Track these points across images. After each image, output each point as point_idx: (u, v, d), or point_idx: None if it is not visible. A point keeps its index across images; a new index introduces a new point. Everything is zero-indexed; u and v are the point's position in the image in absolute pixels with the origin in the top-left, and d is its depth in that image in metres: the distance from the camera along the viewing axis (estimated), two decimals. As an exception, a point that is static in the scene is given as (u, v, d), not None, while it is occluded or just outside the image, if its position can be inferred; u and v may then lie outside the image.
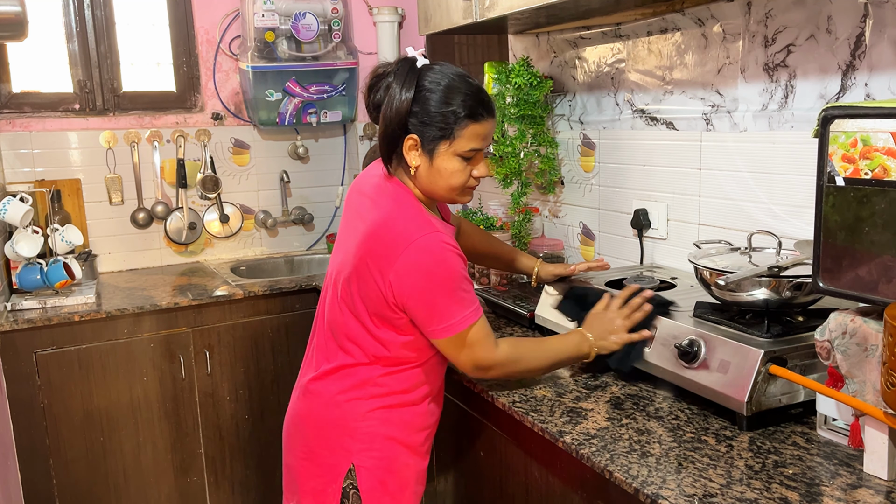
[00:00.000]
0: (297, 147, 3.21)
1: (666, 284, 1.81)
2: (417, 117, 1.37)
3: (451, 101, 1.37)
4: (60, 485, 2.38)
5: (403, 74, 1.38)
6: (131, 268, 2.99)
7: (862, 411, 1.14)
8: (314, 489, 1.50)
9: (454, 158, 1.40)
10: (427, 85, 1.37)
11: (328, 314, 1.51)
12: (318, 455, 1.50)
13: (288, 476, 1.58)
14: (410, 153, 1.40)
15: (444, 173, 1.41)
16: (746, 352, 1.32)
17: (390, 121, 1.38)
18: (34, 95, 2.79)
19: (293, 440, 1.56)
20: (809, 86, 1.62)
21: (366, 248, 1.39)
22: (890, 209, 1.08)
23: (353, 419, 1.46)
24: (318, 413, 1.49)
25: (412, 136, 1.38)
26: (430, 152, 1.40)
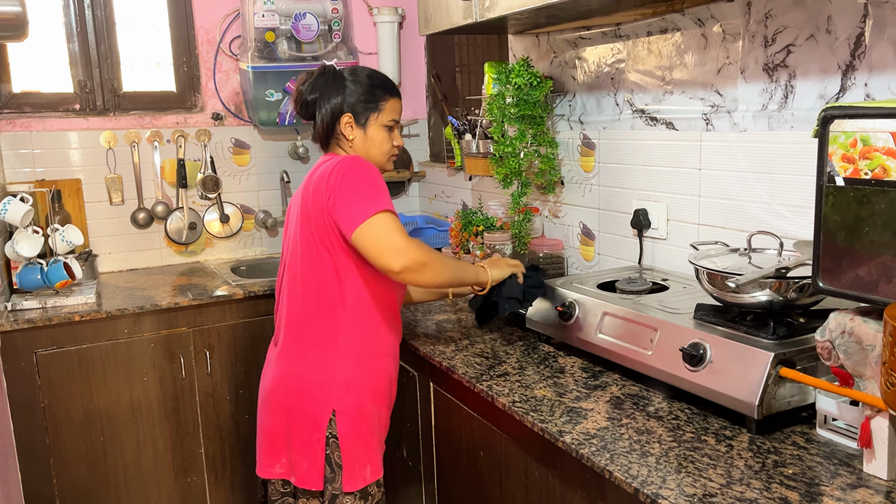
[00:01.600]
0: (297, 147, 3.21)
1: (658, 286, 1.81)
2: (351, 99, 1.76)
3: (374, 83, 1.79)
4: (60, 485, 2.38)
5: (330, 74, 1.79)
6: (131, 268, 2.99)
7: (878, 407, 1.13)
8: (301, 441, 1.71)
9: (381, 129, 1.79)
10: (351, 76, 1.78)
11: (291, 283, 1.76)
12: (300, 407, 1.71)
13: (271, 440, 1.77)
14: (347, 128, 1.77)
15: (375, 140, 1.78)
16: (755, 354, 1.31)
17: (329, 107, 1.76)
18: (34, 95, 2.79)
19: (276, 401, 1.75)
20: (809, 86, 1.62)
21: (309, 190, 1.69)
22: (890, 209, 1.08)
23: (332, 369, 1.70)
24: (300, 370, 1.72)
25: (347, 115, 1.76)
26: (363, 125, 1.77)
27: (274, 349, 1.82)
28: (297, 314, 1.74)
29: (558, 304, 1.79)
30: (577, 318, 1.73)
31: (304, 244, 1.71)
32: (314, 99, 1.78)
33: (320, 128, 1.79)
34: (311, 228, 1.69)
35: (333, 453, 1.69)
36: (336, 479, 1.69)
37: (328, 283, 1.70)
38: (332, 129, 1.78)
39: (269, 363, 1.84)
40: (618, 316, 1.64)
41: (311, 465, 1.70)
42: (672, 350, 1.46)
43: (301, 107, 1.81)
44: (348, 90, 1.76)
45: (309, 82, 1.79)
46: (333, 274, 1.69)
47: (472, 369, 1.70)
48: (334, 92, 1.76)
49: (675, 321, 1.51)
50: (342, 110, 1.76)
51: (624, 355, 1.59)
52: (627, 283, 1.81)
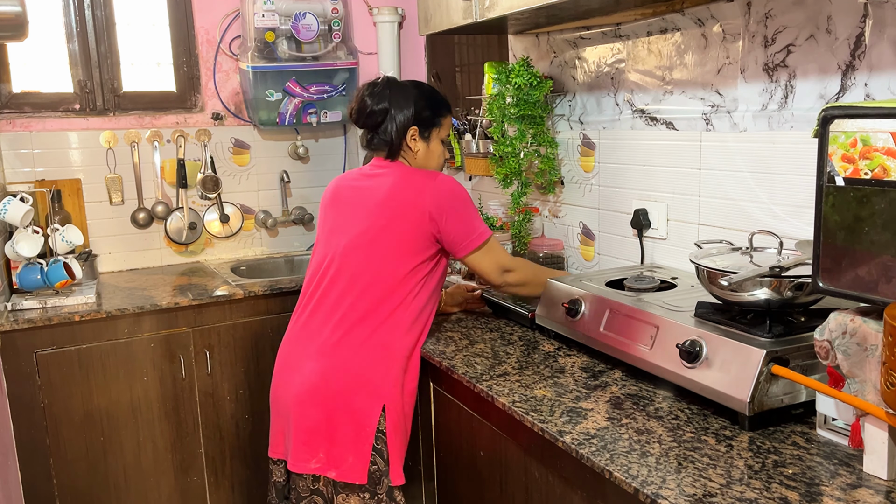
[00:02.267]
0: (297, 147, 3.21)
1: (667, 284, 1.81)
2: (420, 114, 1.87)
3: (436, 99, 1.92)
4: (60, 485, 2.38)
5: (398, 86, 1.89)
6: (131, 268, 2.99)
7: (864, 411, 1.14)
8: (346, 435, 1.74)
9: (440, 142, 1.94)
10: (417, 90, 1.89)
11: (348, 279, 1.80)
12: (351, 403, 1.74)
13: (308, 436, 1.76)
14: (412, 141, 1.88)
15: (435, 153, 1.93)
16: (748, 352, 1.32)
17: (400, 118, 1.85)
18: (34, 95, 2.79)
19: (318, 398, 1.76)
20: (809, 86, 1.62)
21: (397, 200, 1.80)
22: (890, 209, 1.08)
23: (386, 366, 1.76)
24: (351, 365, 1.75)
25: (414, 128, 1.87)
26: (426, 138, 1.90)
27: (308, 345, 1.82)
28: (353, 311, 1.78)
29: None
30: (583, 315, 1.74)
31: (375, 246, 1.79)
32: (383, 109, 1.85)
33: (391, 138, 1.86)
34: (395, 235, 1.78)
35: (384, 447, 1.74)
36: (388, 473, 1.75)
37: (394, 285, 1.78)
38: (401, 139, 1.86)
39: (300, 358, 1.82)
40: (621, 313, 1.65)
41: (357, 459, 1.73)
42: (670, 347, 1.47)
43: (366, 116, 1.87)
44: (418, 104, 1.86)
45: (376, 92, 1.86)
46: (401, 279, 1.78)
47: (472, 369, 1.70)
48: (405, 104, 1.85)
49: (675, 319, 1.52)
50: (412, 122, 1.86)
51: (625, 351, 1.60)
52: (636, 280, 1.81)
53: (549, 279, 1.92)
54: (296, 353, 1.85)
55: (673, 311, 1.57)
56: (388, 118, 1.85)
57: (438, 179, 1.82)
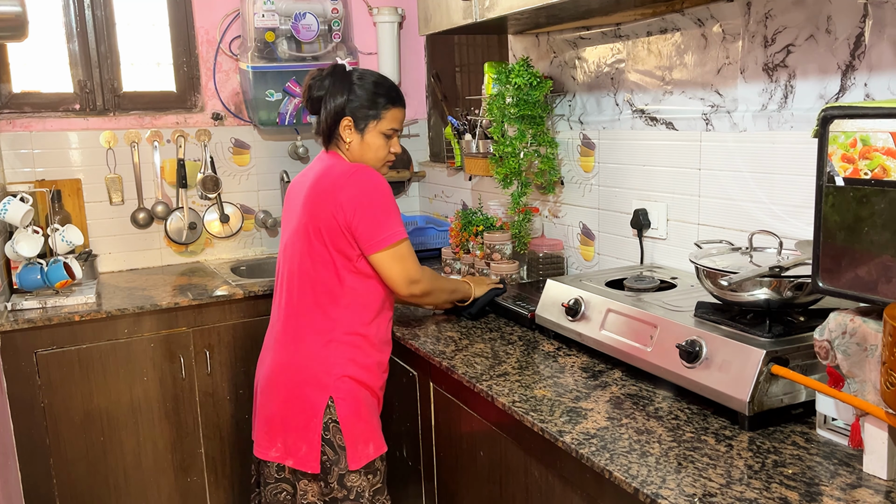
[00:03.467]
0: (297, 147, 3.21)
1: (666, 284, 1.81)
2: (353, 104, 1.81)
3: (378, 91, 1.83)
4: (60, 484, 2.38)
5: (339, 74, 1.83)
6: (131, 268, 2.99)
7: (864, 410, 1.14)
8: (298, 426, 1.78)
9: (379, 136, 1.85)
10: (358, 80, 1.82)
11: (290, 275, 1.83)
12: (298, 395, 1.79)
13: (268, 425, 1.84)
14: (345, 131, 1.83)
15: (371, 146, 1.85)
16: (748, 352, 1.32)
17: (332, 107, 1.81)
18: (34, 95, 2.79)
19: (275, 389, 1.83)
20: (809, 86, 1.62)
21: (316, 190, 1.77)
22: (889, 209, 1.08)
23: (328, 361, 1.78)
24: (298, 359, 1.80)
25: (348, 118, 1.82)
26: (361, 130, 1.83)
27: (271, 336, 1.90)
28: (296, 306, 1.82)
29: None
30: (582, 315, 1.74)
31: (306, 241, 1.79)
32: (319, 96, 1.83)
33: (322, 126, 1.85)
34: (318, 229, 1.76)
35: (335, 437, 1.77)
36: (341, 461, 1.77)
37: (328, 280, 1.78)
38: (333, 128, 1.84)
39: (266, 349, 1.91)
40: (621, 313, 1.65)
41: (310, 449, 1.77)
42: (670, 347, 1.47)
43: (307, 101, 1.88)
44: (353, 94, 1.81)
45: (318, 79, 1.84)
46: (334, 272, 1.78)
47: (472, 369, 1.70)
48: (339, 93, 1.81)
49: (674, 319, 1.52)
50: (343, 113, 1.82)
51: (625, 352, 1.60)
52: (636, 280, 1.81)
53: (550, 280, 1.92)
54: (266, 343, 1.93)
55: (673, 311, 1.57)
56: (323, 105, 1.83)
57: (358, 171, 1.77)
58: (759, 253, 1.55)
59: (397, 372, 2.05)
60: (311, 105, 1.87)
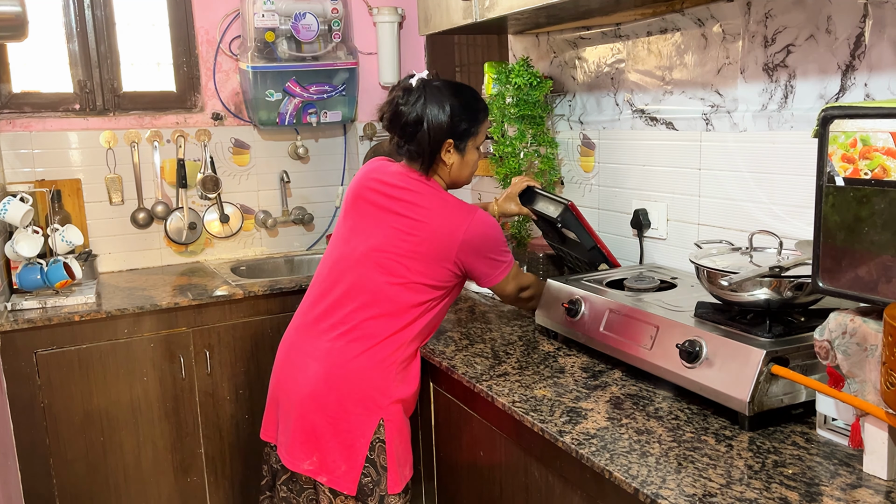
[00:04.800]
0: (297, 147, 3.21)
1: (667, 284, 1.81)
2: (456, 125, 1.70)
3: (473, 107, 1.73)
4: (60, 485, 2.38)
5: (432, 91, 1.69)
6: (131, 268, 2.99)
7: (864, 411, 1.14)
8: (341, 444, 1.70)
9: (476, 150, 1.78)
10: (454, 96, 1.70)
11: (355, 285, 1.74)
12: (348, 413, 1.70)
13: (305, 436, 1.73)
14: (446, 154, 1.73)
15: (470, 164, 1.78)
16: (748, 352, 1.32)
17: (435, 132, 1.68)
18: (34, 95, 2.79)
19: (320, 402, 1.72)
20: (809, 86, 1.62)
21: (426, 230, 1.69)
22: (890, 209, 1.08)
23: (386, 382, 1.71)
24: (354, 377, 1.71)
25: (449, 141, 1.71)
26: (461, 150, 1.74)
27: (311, 340, 1.78)
28: (361, 322, 1.72)
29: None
30: (583, 315, 1.74)
31: (394, 266, 1.70)
32: (416, 119, 1.68)
33: (426, 152, 1.71)
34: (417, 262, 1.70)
35: (379, 457, 1.71)
36: (382, 482, 1.71)
37: (406, 308, 1.72)
38: (435, 154, 1.71)
39: (307, 355, 1.77)
40: (621, 313, 1.65)
41: (349, 469, 1.70)
42: (670, 347, 1.47)
43: (400, 127, 1.72)
44: (453, 113, 1.68)
45: (407, 101, 1.69)
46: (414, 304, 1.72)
47: (472, 369, 1.70)
48: (439, 113, 1.67)
49: (674, 318, 1.52)
50: (447, 136, 1.69)
51: (625, 351, 1.60)
52: (636, 280, 1.81)
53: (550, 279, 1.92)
54: (303, 348, 1.79)
55: (673, 311, 1.57)
56: (422, 130, 1.68)
57: (475, 217, 1.69)
58: (759, 253, 1.55)
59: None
60: (405, 130, 1.70)
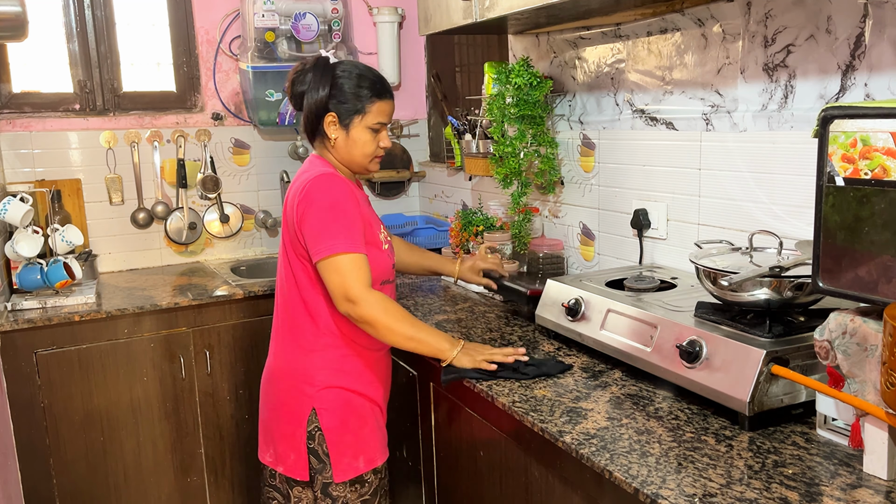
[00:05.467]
0: (297, 147, 3.21)
1: (666, 284, 1.81)
2: (336, 98, 1.71)
3: (362, 84, 1.72)
4: (60, 485, 2.38)
5: (321, 68, 1.73)
6: (131, 268, 2.99)
7: (864, 411, 1.14)
8: (284, 434, 1.77)
9: (366, 130, 1.74)
10: (341, 73, 1.72)
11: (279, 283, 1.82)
12: (284, 404, 1.77)
13: (263, 429, 1.86)
14: (330, 127, 1.73)
15: (358, 143, 1.74)
16: (748, 352, 1.32)
17: (314, 103, 1.72)
18: (34, 95, 2.79)
19: (266, 395, 1.85)
20: (809, 86, 1.62)
21: (288, 196, 1.74)
22: (890, 209, 1.08)
23: (312, 368, 1.74)
24: (284, 367, 1.78)
25: (331, 114, 1.72)
26: (346, 126, 1.73)
27: (271, 343, 1.89)
28: (282, 311, 1.81)
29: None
30: (583, 315, 1.74)
31: (286, 248, 1.77)
32: (302, 91, 1.74)
33: (304, 123, 1.77)
34: (287, 234, 1.75)
35: (320, 446, 1.73)
36: (326, 469, 1.74)
37: (306, 286, 1.74)
38: (316, 125, 1.75)
39: (269, 356, 1.90)
40: (621, 313, 1.65)
41: (297, 457, 1.76)
42: (670, 347, 1.47)
43: (291, 97, 1.79)
44: (336, 87, 1.71)
45: (300, 73, 1.76)
46: (309, 279, 1.73)
47: (471, 369, 1.70)
48: (321, 87, 1.71)
49: (674, 319, 1.52)
50: (326, 108, 1.72)
51: (626, 352, 1.60)
52: (636, 281, 1.81)
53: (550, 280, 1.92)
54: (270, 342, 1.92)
55: (673, 311, 1.57)
56: (305, 102, 1.74)
57: (318, 176, 1.67)
58: (760, 253, 1.55)
59: (398, 372, 2.05)
60: (295, 101, 1.78)
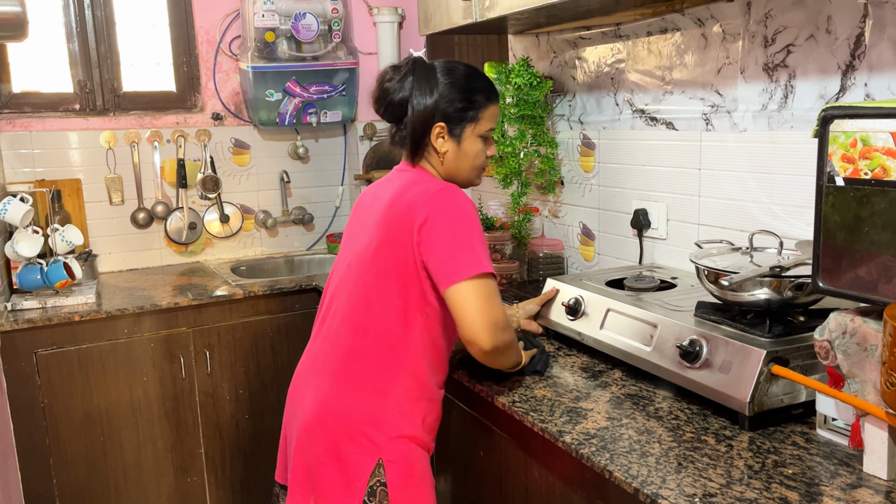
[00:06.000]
0: (297, 147, 3.21)
1: (666, 284, 1.81)
2: (444, 105, 1.50)
3: (474, 88, 1.53)
4: (60, 485, 2.38)
5: (423, 70, 1.52)
6: (131, 268, 2.99)
7: (864, 411, 1.14)
8: (336, 486, 1.47)
9: (477, 140, 1.55)
10: (447, 76, 1.51)
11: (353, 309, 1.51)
12: (343, 452, 1.47)
13: (304, 475, 1.52)
14: (438, 140, 1.52)
15: (470, 154, 1.55)
16: (748, 352, 1.32)
17: (421, 112, 1.50)
18: (34, 95, 2.79)
19: (314, 437, 1.50)
20: (809, 86, 1.62)
21: (391, 213, 1.47)
22: (890, 209, 1.08)
23: (385, 413, 1.47)
24: (344, 408, 1.48)
25: (439, 125, 1.50)
26: (457, 137, 1.53)
27: (312, 366, 1.58)
28: (350, 341, 1.50)
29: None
30: (583, 314, 1.74)
31: (373, 269, 1.48)
32: (403, 100, 1.51)
33: (409, 136, 1.52)
34: (389, 258, 1.46)
35: (382, 502, 1.46)
36: None
37: (394, 318, 1.47)
38: (422, 138, 1.52)
39: (306, 385, 1.57)
40: (621, 312, 1.65)
41: None
42: (670, 347, 1.47)
43: (385, 108, 1.55)
44: (442, 93, 1.50)
45: (396, 79, 1.53)
46: (403, 311, 1.47)
47: (471, 369, 1.70)
48: (427, 93, 1.50)
49: (674, 318, 1.52)
50: (434, 118, 1.50)
51: (626, 351, 1.60)
52: (636, 280, 1.81)
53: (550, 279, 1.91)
54: (303, 379, 1.60)
55: (673, 311, 1.57)
56: (409, 111, 1.51)
57: (441, 192, 1.44)
58: (760, 253, 1.55)
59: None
60: (391, 111, 1.54)
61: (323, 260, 3.26)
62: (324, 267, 3.24)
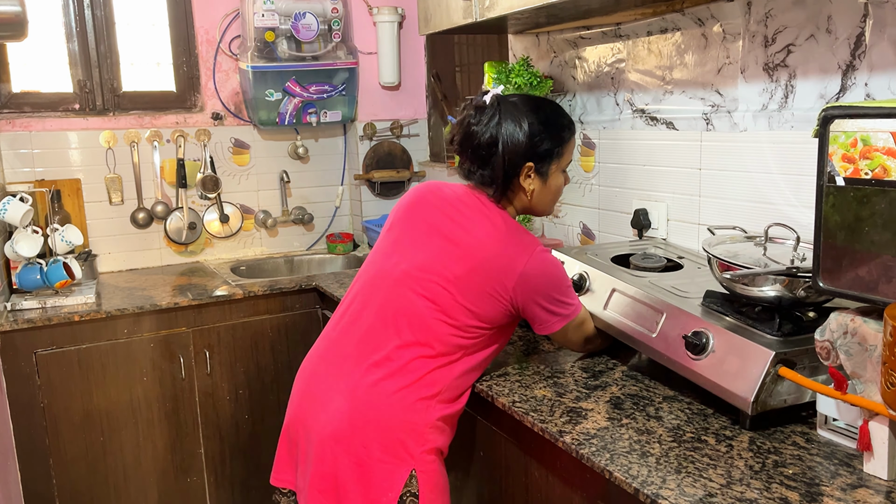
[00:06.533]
0: (297, 147, 3.21)
1: (673, 264, 1.79)
2: (536, 146, 1.50)
3: (557, 124, 1.53)
4: (60, 485, 2.38)
5: (510, 112, 1.50)
6: (131, 268, 2.99)
7: (873, 412, 1.13)
8: (365, 496, 1.45)
9: (560, 175, 1.57)
10: (533, 112, 1.51)
11: (397, 313, 1.50)
12: (377, 463, 1.44)
13: (329, 481, 1.47)
14: (525, 180, 1.52)
15: (553, 189, 1.57)
16: (756, 351, 1.30)
17: (510, 152, 1.48)
18: (34, 95, 2.79)
19: (342, 446, 1.46)
20: (809, 86, 1.62)
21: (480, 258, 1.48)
22: (890, 209, 1.08)
23: (422, 424, 1.46)
24: (381, 415, 1.45)
25: (528, 164, 1.50)
26: (544, 174, 1.53)
27: (340, 375, 1.51)
28: (396, 356, 1.48)
29: None
30: (587, 290, 1.72)
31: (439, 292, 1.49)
32: (491, 141, 1.48)
33: (500, 178, 1.50)
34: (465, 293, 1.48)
35: None
36: None
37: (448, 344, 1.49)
38: (511, 179, 1.52)
39: (329, 389, 1.51)
40: (626, 294, 1.61)
41: None
42: (675, 335, 1.44)
43: (472, 150, 1.52)
44: (533, 131, 1.49)
45: (483, 122, 1.50)
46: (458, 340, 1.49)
47: (472, 369, 1.70)
48: (516, 132, 1.48)
49: (681, 306, 1.48)
50: (524, 158, 1.49)
51: (629, 335, 1.57)
52: (642, 258, 1.78)
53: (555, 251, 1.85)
54: (327, 379, 1.53)
55: (680, 297, 1.53)
56: (496, 153, 1.48)
57: (537, 250, 1.49)
58: (774, 245, 1.49)
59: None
60: (477, 154, 1.51)
61: (323, 260, 3.26)
62: (323, 267, 3.24)
